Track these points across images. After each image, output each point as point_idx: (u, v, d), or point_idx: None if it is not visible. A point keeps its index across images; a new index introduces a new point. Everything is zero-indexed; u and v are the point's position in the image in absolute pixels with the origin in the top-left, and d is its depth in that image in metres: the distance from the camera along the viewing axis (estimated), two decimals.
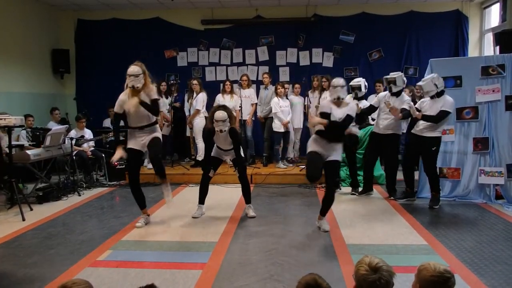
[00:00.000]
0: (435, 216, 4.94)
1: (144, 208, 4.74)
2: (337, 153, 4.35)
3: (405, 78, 5.57)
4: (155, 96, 4.48)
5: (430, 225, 4.57)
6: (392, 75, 5.48)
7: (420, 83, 5.35)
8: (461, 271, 3.30)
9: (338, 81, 4.36)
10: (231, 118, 4.65)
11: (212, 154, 4.91)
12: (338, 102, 4.35)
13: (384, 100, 5.50)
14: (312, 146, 4.37)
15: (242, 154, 4.99)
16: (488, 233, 4.27)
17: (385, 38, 8.66)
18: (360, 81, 5.97)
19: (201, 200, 5.02)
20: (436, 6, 8.55)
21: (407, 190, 5.62)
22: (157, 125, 4.69)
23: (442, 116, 5.08)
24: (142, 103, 4.35)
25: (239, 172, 4.89)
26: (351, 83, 5.95)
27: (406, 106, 5.30)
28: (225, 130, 4.58)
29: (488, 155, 5.49)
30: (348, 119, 4.32)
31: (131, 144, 4.53)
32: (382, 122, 5.59)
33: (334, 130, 4.28)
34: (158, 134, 4.65)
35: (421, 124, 5.25)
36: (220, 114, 4.53)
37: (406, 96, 5.67)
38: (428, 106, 5.21)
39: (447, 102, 5.12)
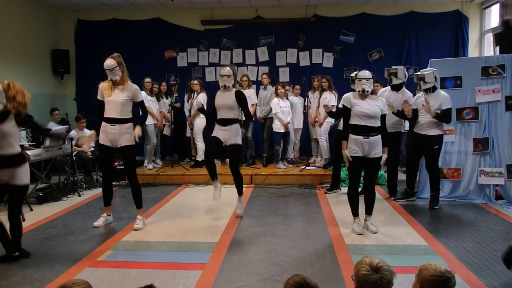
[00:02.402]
0: (435, 217, 4.94)
1: (107, 206, 4.74)
2: (379, 149, 4.29)
3: (406, 73, 5.66)
4: (140, 98, 4.54)
5: (430, 225, 4.57)
6: (394, 67, 5.58)
7: (422, 72, 5.20)
8: (461, 271, 3.30)
9: (364, 73, 4.30)
10: (235, 76, 4.85)
11: (213, 134, 4.89)
12: (363, 95, 4.31)
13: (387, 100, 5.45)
14: (351, 149, 4.30)
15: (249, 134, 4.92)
16: (488, 234, 4.28)
17: (385, 39, 8.66)
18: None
19: (213, 176, 4.89)
20: (436, 7, 8.55)
21: (406, 190, 5.61)
22: (131, 125, 4.49)
23: (450, 114, 5.11)
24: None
25: (231, 163, 4.93)
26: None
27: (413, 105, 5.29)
28: (228, 86, 4.73)
29: (488, 155, 5.49)
30: (383, 119, 4.34)
31: (102, 140, 4.49)
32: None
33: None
34: (129, 141, 4.45)
35: (424, 122, 5.20)
36: (225, 69, 4.78)
37: (407, 91, 5.61)
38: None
39: (446, 98, 5.11)
